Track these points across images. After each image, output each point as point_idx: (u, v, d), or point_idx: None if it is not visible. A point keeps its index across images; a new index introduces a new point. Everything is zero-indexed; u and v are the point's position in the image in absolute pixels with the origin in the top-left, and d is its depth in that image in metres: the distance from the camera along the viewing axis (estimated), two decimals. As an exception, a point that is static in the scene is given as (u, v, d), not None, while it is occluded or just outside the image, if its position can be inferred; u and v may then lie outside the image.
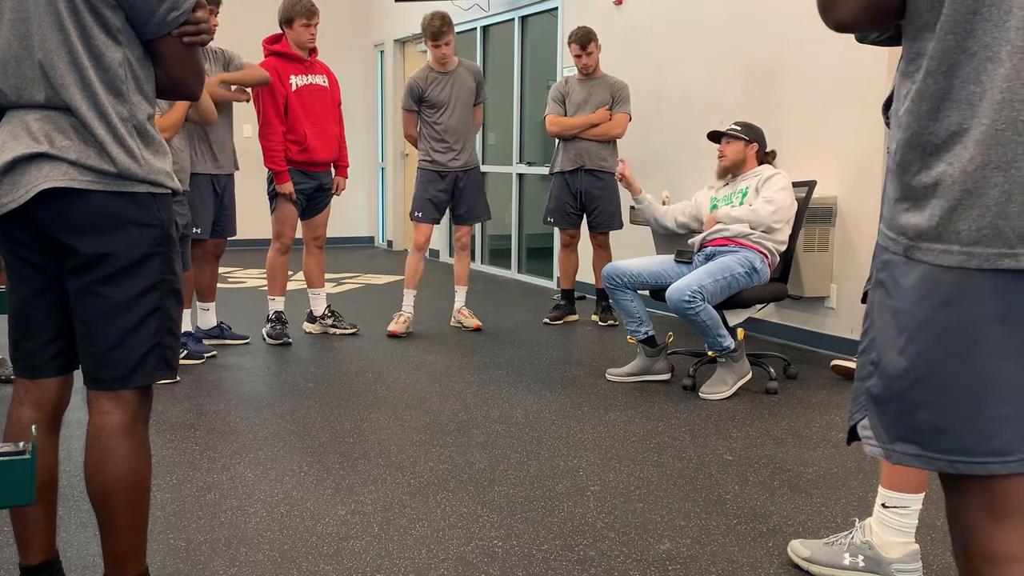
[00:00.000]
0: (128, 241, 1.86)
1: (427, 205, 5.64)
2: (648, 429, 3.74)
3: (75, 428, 3.41)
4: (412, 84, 5.58)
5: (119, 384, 1.91)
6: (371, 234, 11.31)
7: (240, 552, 2.56)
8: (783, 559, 2.53)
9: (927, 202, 1.27)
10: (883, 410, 1.34)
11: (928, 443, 1.30)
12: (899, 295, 1.31)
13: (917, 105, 1.27)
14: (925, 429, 1.29)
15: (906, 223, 1.29)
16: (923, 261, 1.27)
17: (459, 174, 5.65)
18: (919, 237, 1.27)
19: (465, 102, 5.62)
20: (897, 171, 1.31)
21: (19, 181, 1.81)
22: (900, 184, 1.30)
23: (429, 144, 5.60)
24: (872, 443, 1.37)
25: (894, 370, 1.31)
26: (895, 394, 1.32)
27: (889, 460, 1.34)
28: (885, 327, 1.33)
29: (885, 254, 1.34)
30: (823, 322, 5.23)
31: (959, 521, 1.36)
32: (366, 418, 3.87)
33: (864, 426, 1.38)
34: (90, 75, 1.82)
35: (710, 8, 5.92)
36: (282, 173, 5.21)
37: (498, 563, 2.50)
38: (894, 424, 1.33)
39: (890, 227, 1.33)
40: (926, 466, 1.31)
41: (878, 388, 1.34)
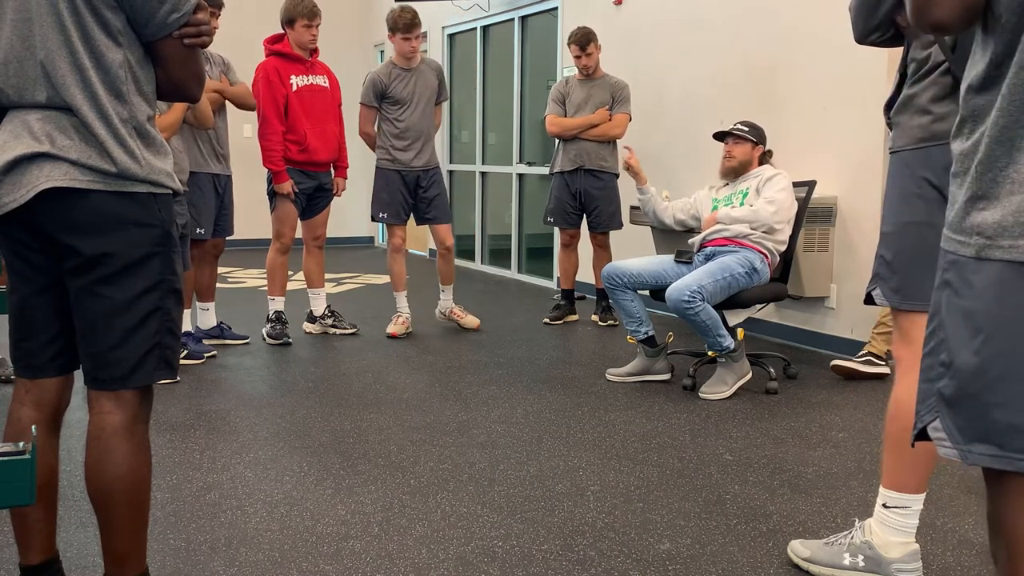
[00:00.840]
0: (128, 241, 1.86)
1: (390, 206, 5.57)
2: (648, 429, 3.73)
3: (75, 428, 3.41)
4: (375, 79, 5.50)
5: (119, 384, 1.90)
6: (371, 234, 11.31)
7: (240, 552, 2.55)
8: (783, 559, 2.53)
9: (1012, 198, 1.25)
10: (957, 411, 1.32)
11: (1007, 443, 1.28)
12: (971, 295, 1.29)
13: (1008, 101, 1.25)
14: (1004, 429, 1.28)
15: (983, 221, 1.27)
16: (1000, 260, 1.25)
17: (420, 173, 5.58)
18: (1000, 234, 1.25)
19: (427, 100, 5.56)
20: (979, 168, 1.29)
21: (20, 181, 1.81)
22: (981, 181, 1.28)
23: (389, 142, 5.53)
24: (946, 444, 1.35)
25: (969, 370, 1.29)
26: (971, 395, 1.30)
27: (965, 461, 1.32)
28: (956, 327, 1.31)
29: (951, 256, 1.33)
30: (823, 322, 5.23)
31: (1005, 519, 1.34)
32: (366, 418, 3.87)
33: (936, 428, 1.36)
34: (91, 76, 1.82)
35: (710, 8, 5.92)
36: (280, 173, 5.21)
37: (498, 563, 2.49)
38: (970, 425, 1.31)
39: (959, 231, 1.31)
40: (1006, 466, 1.29)
41: (951, 389, 1.32)
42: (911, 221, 2.18)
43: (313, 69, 5.34)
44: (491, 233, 9.02)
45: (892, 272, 2.23)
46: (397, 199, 5.57)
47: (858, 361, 4.52)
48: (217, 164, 4.93)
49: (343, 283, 7.91)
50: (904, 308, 2.23)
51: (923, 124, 2.13)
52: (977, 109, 1.32)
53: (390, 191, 5.57)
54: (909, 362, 2.22)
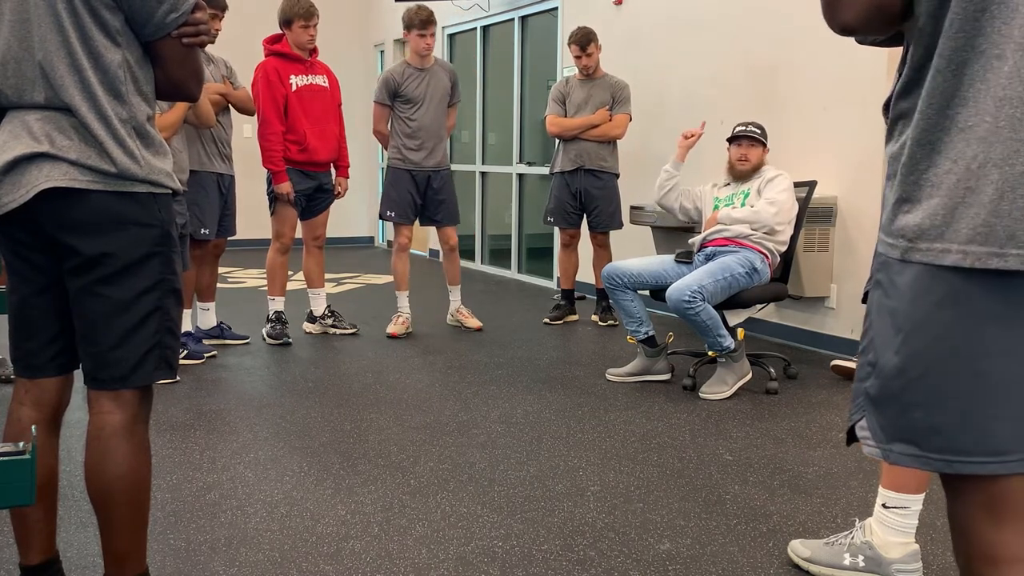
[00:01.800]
0: (128, 241, 1.86)
1: (399, 205, 5.59)
2: (648, 429, 3.73)
3: (75, 428, 3.41)
4: (388, 78, 5.53)
5: (119, 384, 1.91)
6: (371, 234, 11.31)
7: (240, 552, 2.56)
8: (783, 559, 2.53)
9: (930, 201, 1.26)
10: (880, 410, 1.34)
11: (925, 443, 1.29)
12: (895, 295, 1.31)
13: (926, 104, 1.27)
14: (921, 429, 1.29)
15: (906, 224, 1.29)
16: (920, 262, 1.27)
17: (431, 174, 5.60)
18: (919, 237, 1.27)
19: (440, 101, 5.59)
20: (903, 171, 1.30)
21: (20, 181, 1.81)
22: (905, 184, 1.30)
23: (401, 141, 5.55)
24: (870, 443, 1.37)
25: (890, 370, 1.31)
26: (892, 394, 1.32)
27: (887, 460, 1.34)
28: (882, 327, 1.33)
29: (881, 257, 1.35)
30: (823, 322, 5.23)
31: (959, 522, 1.36)
32: (366, 418, 3.87)
33: (862, 427, 1.38)
34: (89, 76, 1.82)
35: (710, 8, 5.92)
36: (280, 173, 5.21)
37: (498, 563, 2.50)
38: (891, 424, 1.32)
39: (888, 233, 1.32)
40: (923, 466, 1.31)
41: (875, 388, 1.34)
42: None
43: (312, 69, 5.34)
44: (491, 233, 9.02)
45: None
46: (406, 199, 5.59)
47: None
48: (221, 164, 4.94)
49: (343, 283, 7.91)
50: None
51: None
52: (903, 112, 1.33)
53: (399, 190, 5.59)
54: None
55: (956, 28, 1.23)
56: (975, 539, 1.33)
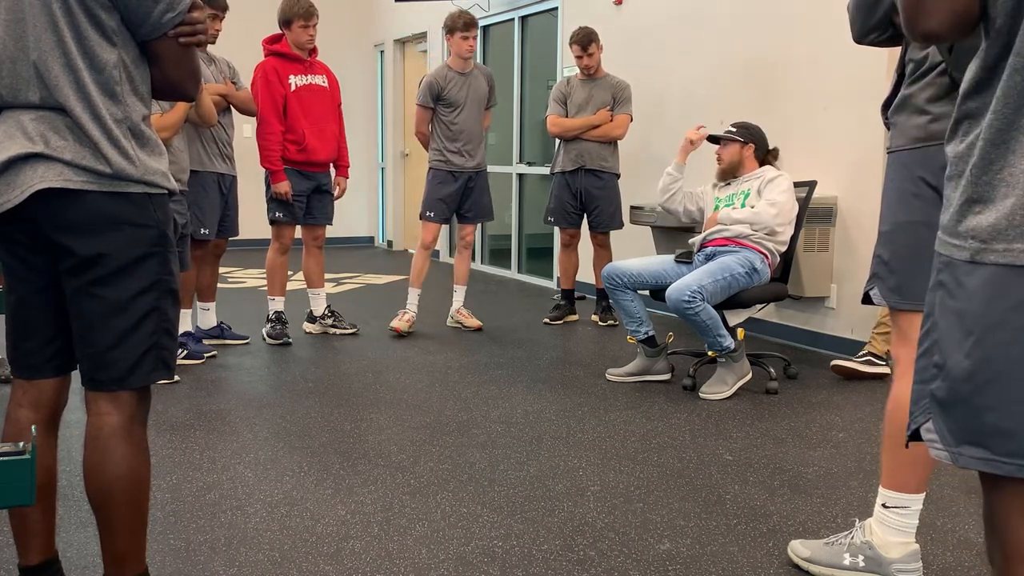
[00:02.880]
0: (124, 241, 1.86)
1: (439, 205, 5.68)
2: (648, 429, 3.73)
3: (75, 428, 3.40)
4: (431, 81, 5.61)
5: (116, 385, 1.90)
6: (371, 234, 11.31)
7: (240, 552, 2.55)
8: (783, 559, 2.53)
9: (1007, 201, 1.24)
10: (949, 413, 1.32)
11: (996, 447, 1.27)
12: (964, 296, 1.28)
13: (1002, 103, 1.25)
14: (993, 433, 1.27)
15: (978, 225, 1.27)
16: (993, 263, 1.25)
17: (471, 175, 5.71)
18: (994, 238, 1.25)
19: (478, 104, 5.68)
20: (974, 171, 1.28)
21: (14, 181, 1.81)
22: (976, 184, 1.28)
23: (443, 144, 5.63)
24: (937, 446, 1.34)
25: (960, 373, 1.29)
26: (962, 397, 1.29)
27: (956, 464, 1.32)
28: (949, 329, 1.31)
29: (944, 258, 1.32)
30: (823, 322, 5.23)
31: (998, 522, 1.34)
32: (366, 418, 3.87)
33: (928, 429, 1.36)
34: (84, 76, 1.82)
35: (710, 8, 5.92)
36: (278, 173, 5.21)
37: (498, 563, 2.49)
38: (961, 428, 1.30)
39: (954, 234, 1.30)
40: (994, 470, 1.29)
41: (943, 391, 1.32)
42: (908, 221, 2.18)
43: (312, 69, 5.34)
44: (491, 233, 9.02)
45: (890, 272, 2.23)
46: (448, 200, 5.68)
47: (858, 361, 4.52)
48: (222, 164, 4.94)
49: (343, 283, 7.91)
50: (902, 308, 2.23)
51: (920, 124, 2.13)
52: (971, 112, 1.31)
53: (441, 192, 5.67)
54: (907, 362, 2.21)
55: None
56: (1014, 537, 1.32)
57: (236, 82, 5.06)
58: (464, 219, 5.82)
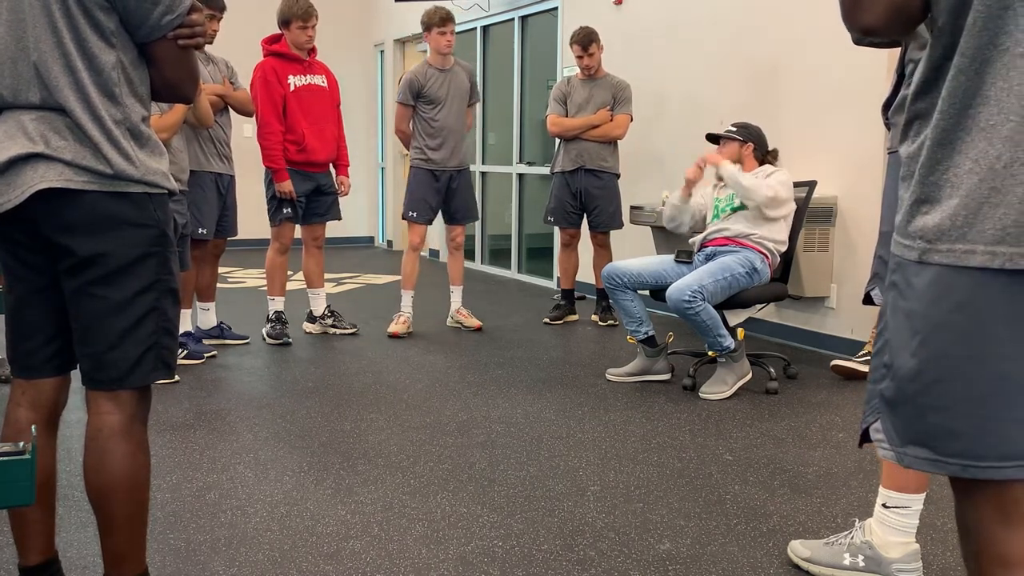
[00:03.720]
0: (124, 241, 1.86)
1: (422, 205, 5.63)
2: (648, 429, 3.73)
3: (75, 428, 3.41)
4: (411, 78, 5.58)
5: (116, 384, 1.90)
6: (371, 234, 11.31)
7: (240, 552, 2.55)
8: (783, 559, 2.53)
9: (950, 201, 1.25)
10: (895, 413, 1.32)
11: (940, 447, 1.28)
12: (912, 297, 1.29)
13: (947, 103, 1.25)
14: (937, 433, 1.28)
15: (925, 225, 1.27)
16: (939, 264, 1.25)
17: (453, 174, 5.66)
18: (939, 238, 1.25)
19: (461, 100, 5.64)
20: (921, 171, 1.29)
21: (15, 181, 1.81)
22: (923, 185, 1.28)
23: (424, 142, 5.59)
24: (884, 446, 1.35)
25: (906, 373, 1.29)
26: (907, 397, 1.30)
27: (901, 463, 1.33)
28: (898, 329, 1.31)
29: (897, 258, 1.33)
30: (823, 322, 5.23)
31: (970, 524, 1.35)
32: (366, 418, 3.87)
33: (876, 429, 1.36)
34: (83, 77, 1.82)
35: (710, 8, 5.92)
36: (280, 172, 5.21)
37: (498, 563, 2.49)
38: (906, 427, 1.31)
39: (904, 234, 1.31)
40: (938, 470, 1.29)
41: (891, 391, 1.33)
42: None
43: (311, 69, 5.34)
44: (491, 233, 9.02)
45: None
46: (429, 199, 5.64)
47: (858, 361, 4.52)
48: (220, 163, 4.95)
49: (343, 283, 7.91)
50: (903, 308, 2.22)
51: (920, 124, 2.13)
52: (920, 112, 1.32)
53: (423, 191, 5.63)
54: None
55: (980, 26, 1.22)
56: (986, 541, 1.32)
57: (234, 82, 5.06)
58: (452, 220, 5.78)
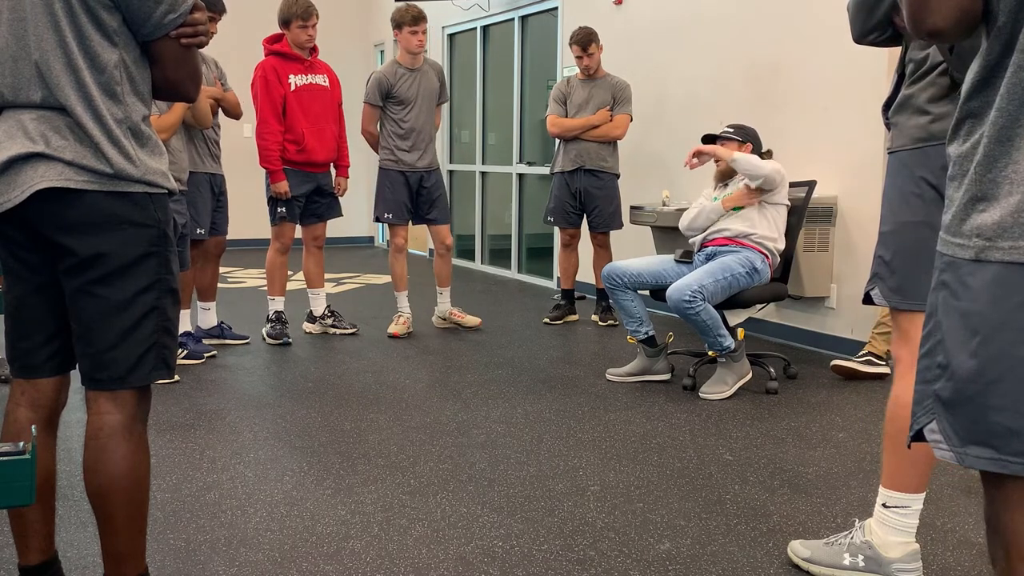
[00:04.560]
0: (124, 241, 1.86)
1: (396, 206, 5.59)
2: (648, 429, 3.73)
3: (75, 428, 3.41)
4: (380, 78, 5.52)
5: (117, 384, 1.90)
6: (371, 234, 11.31)
7: (240, 552, 2.55)
8: (783, 559, 2.53)
9: (1011, 199, 1.24)
10: (954, 413, 1.31)
11: (1003, 446, 1.27)
12: (968, 296, 1.28)
13: (1006, 100, 1.25)
14: (1000, 432, 1.27)
15: (983, 223, 1.26)
16: (999, 261, 1.24)
17: (423, 174, 5.62)
18: (999, 235, 1.24)
19: (429, 101, 5.60)
20: (978, 169, 1.28)
21: (15, 181, 1.81)
22: (980, 182, 1.27)
23: (393, 143, 5.55)
24: (943, 447, 1.34)
25: (966, 373, 1.28)
26: (967, 397, 1.29)
27: (962, 464, 1.32)
28: (954, 329, 1.30)
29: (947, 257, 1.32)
30: (823, 322, 5.23)
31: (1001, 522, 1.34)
32: (366, 418, 3.87)
33: (932, 430, 1.35)
34: (85, 76, 1.82)
35: (710, 8, 5.92)
36: (276, 172, 5.21)
37: (498, 563, 2.49)
38: (967, 428, 1.30)
39: (957, 233, 1.30)
40: (1002, 469, 1.28)
41: (948, 391, 1.31)
42: (909, 221, 2.18)
43: (313, 68, 5.34)
44: (491, 233, 9.02)
45: (891, 272, 2.23)
46: (401, 200, 5.59)
47: (858, 361, 4.52)
48: (213, 164, 4.96)
49: (343, 283, 7.91)
50: (903, 308, 2.23)
51: (921, 124, 2.13)
52: (974, 111, 1.31)
53: (394, 192, 5.59)
54: (908, 362, 2.22)
55: None
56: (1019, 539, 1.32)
57: (224, 83, 5.06)
58: (427, 222, 5.73)
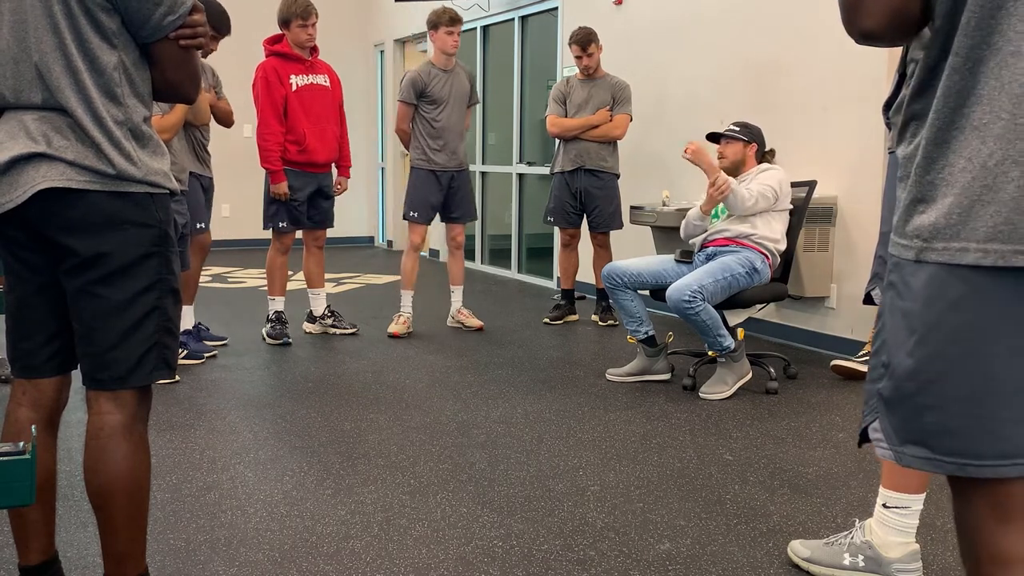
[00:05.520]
0: (125, 241, 1.86)
1: (423, 205, 5.64)
2: (648, 429, 3.73)
3: (75, 428, 3.41)
4: (415, 78, 5.59)
5: (117, 384, 1.90)
6: (371, 234, 11.31)
7: (240, 552, 2.55)
8: (783, 559, 2.53)
9: (945, 200, 1.25)
10: (893, 412, 1.33)
11: (937, 446, 1.28)
12: (909, 296, 1.29)
13: (942, 103, 1.26)
14: (934, 432, 1.28)
15: (921, 224, 1.28)
16: (934, 262, 1.26)
17: (454, 174, 5.68)
18: (934, 236, 1.25)
19: (461, 102, 5.66)
20: (917, 171, 1.29)
21: (17, 181, 1.81)
22: (919, 184, 1.29)
23: (425, 142, 5.60)
24: (883, 445, 1.35)
25: (903, 372, 1.30)
26: (905, 396, 1.30)
27: (899, 463, 1.33)
28: (895, 329, 1.32)
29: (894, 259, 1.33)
30: (823, 322, 5.23)
31: (967, 523, 1.35)
32: (366, 418, 3.87)
33: (875, 428, 1.37)
34: (84, 78, 1.82)
35: (710, 8, 5.92)
36: (276, 173, 5.21)
37: (498, 563, 2.49)
38: (903, 426, 1.31)
39: (902, 234, 1.31)
40: (935, 469, 1.29)
41: (888, 390, 1.33)
42: None
43: (314, 68, 5.34)
44: (491, 233, 9.02)
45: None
46: (430, 200, 5.65)
47: (858, 361, 4.52)
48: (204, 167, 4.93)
49: (343, 283, 7.91)
50: (903, 307, 2.22)
51: (920, 124, 2.13)
52: (917, 113, 1.33)
53: (424, 191, 5.64)
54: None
55: (973, 25, 1.22)
56: (983, 539, 1.33)
57: (219, 91, 5.05)
58: (452, 220, 5.80)
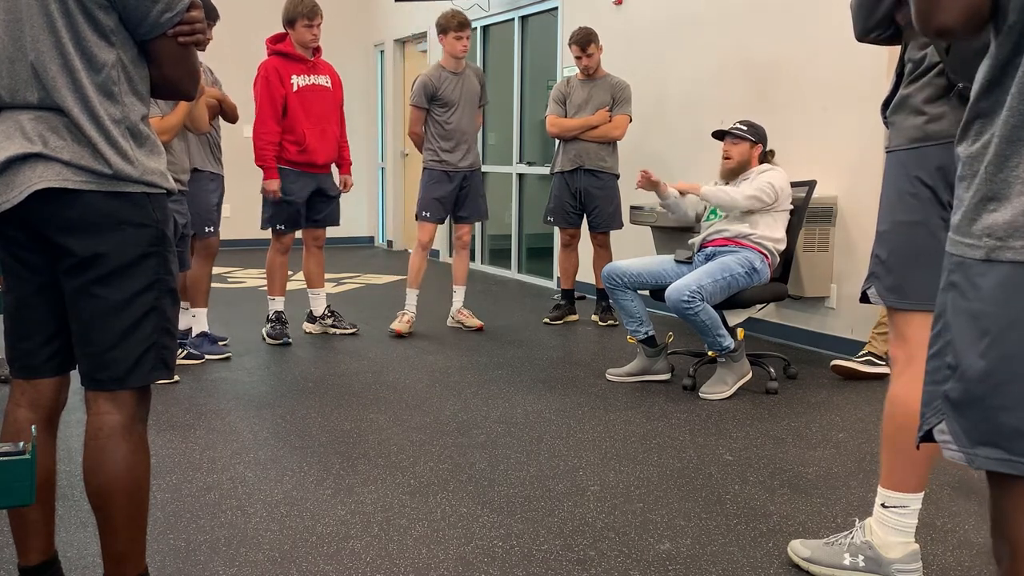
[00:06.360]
0: (123, 241, 1.86)
1: (434, 205, 5.69)
2: (648, 429, 3.73)
3: (75, 428, 3.41)
4: (425, 81, 5.62)
5: (116, 384, 1.90)
6: (371, 234, 11.31)
7: (240, 552, 2.55)
8: (783, 559, 2.53)
9: (1022, 198, 1.24)
10: (963, 414, 1.31)
11: (1013, 447, 1.27)
12: (978, 297, 1.28)
13: (1018, 100, 1.24)
14: (1010, 433, 1.27)
15: (994, 222, 1.26)
16: (1010, 261, 1.24)
17: (466, 174, 5.73)
18: (1010, 235, 1.24)
19: (471, 103, 5.71)
20: (989, 169, 1.28)
21: (13, 181, 1.81)
22: (991, 182, 1.27)
23: (437, 144, 5.65)
24: (951, 448, 1.34)
25: (975, 374, 1.28)
26: (976, 398, 1.29)
27: (971, 465, 1.32)
28: (963, 330, 1.30)
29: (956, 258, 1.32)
30: (823, 322, 5.23)
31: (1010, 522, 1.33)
32: (366, 418, 3.87)
33: (942, 431, 1.35)
34: (81, 77, 1.81)
35: (710, 8, 5.92)
36: (270, 170, 5.21)
37: (498, 563, 2.49)
38: (976, 428, 1.30)
39: (967, 234, 1.29)
40: (1012, 470, 1.28)
41: (957, 392, 1.31)
42: (906, 220, 2.18)
43: (315, 69, 5.34)
44: (491, 233, 9.02)
45: (887, 271, 2.23)
46: (439, 199, 5.70)
47: (858, 361, 4.52)
48: (218, 165, 4.95)
49: (343, 283, 7.91)
50: (899, 307, 2.23)
51: (917, 124, 2.14)
52: (984, 111, 1.31)
53: (437, 191, 5.68)
54: (905, 361, 2.22)
55: None
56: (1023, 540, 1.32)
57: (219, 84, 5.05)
58: (460, 219, 5.85)
